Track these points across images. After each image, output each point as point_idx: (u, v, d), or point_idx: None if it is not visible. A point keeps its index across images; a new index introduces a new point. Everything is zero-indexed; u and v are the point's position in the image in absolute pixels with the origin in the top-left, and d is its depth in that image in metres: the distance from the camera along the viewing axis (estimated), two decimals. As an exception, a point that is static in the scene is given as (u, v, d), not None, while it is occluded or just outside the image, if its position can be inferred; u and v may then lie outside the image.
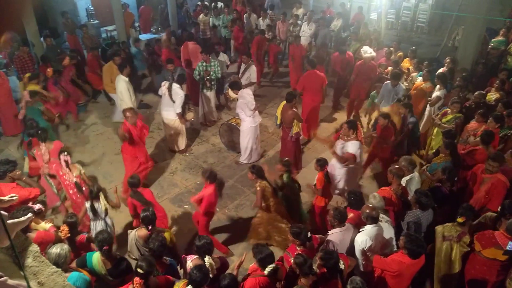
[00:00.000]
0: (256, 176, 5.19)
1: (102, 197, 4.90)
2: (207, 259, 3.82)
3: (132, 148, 6.29)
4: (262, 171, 5.24)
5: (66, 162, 5.40)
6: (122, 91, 7.56)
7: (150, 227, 4.30)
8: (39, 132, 5.82)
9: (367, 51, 9.06)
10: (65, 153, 5.42)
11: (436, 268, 4.62)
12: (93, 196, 4.86)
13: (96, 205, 4.88)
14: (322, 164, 5.46)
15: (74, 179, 5.42)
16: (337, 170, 5.99)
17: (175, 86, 7.23)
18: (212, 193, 5.09)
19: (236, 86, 7.22)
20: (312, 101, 8.08)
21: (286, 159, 5.62)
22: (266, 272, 3.67)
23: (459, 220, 4.35)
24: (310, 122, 8.28)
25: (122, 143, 6.39)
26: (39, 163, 5.78)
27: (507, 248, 4.05)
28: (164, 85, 7.38)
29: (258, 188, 5.15)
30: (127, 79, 7.61)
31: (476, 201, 5.08)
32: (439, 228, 4.56)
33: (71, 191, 5.53)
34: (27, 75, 7.74)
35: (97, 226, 4.93)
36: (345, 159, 5.77)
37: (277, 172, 5.60)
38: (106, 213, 4.99)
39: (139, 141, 6.33)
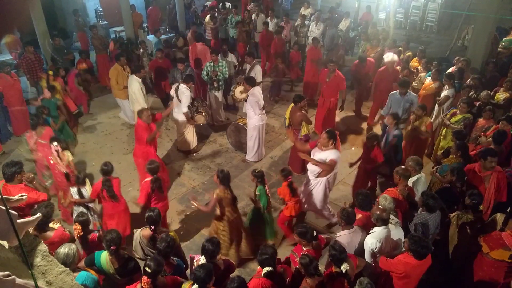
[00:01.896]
0: (220, 181, 4.95)
1: (88, 182, 5.25)
2: (201, 258, 3.88)
3: (145, 150, 6.35)
4: (227, 178, 4.98)
5: (57, 151, 5.64)
6: (136, 91, 7.65)
7: (153, 227, 4.33)
8: (32, 119, 6.15)
9: (388, 56, 8.57)
10: (55, 143, 5.65)
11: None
12: (80, 182, 5.16)
13: (83, 190, 5.18)
14: (286, 174, 5.31)
15: (64, 170, 5.66)
16: (312, 180, 5.63)
17: (182, 86, 7.28)
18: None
19: (251, 82, 7.21)
20: (323, 96, 8.07)
21: (258, 170, 5.33)
22: (262, 274, 3.68)
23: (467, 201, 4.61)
24: (321, 118, 8.26)
25: (136, 145, 6.51)
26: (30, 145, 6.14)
27: None
28: (173, 87, 7.44)
29: (214, 196, 4.89)
30: (140, 80, 7.70)
31: (488, 200, 5.10)
32: (453, 217, 4.71)
33: (59, 179, 5.83)
34: (50, 72, 8.04)
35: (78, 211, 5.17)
36: (330, 166, 5.36)
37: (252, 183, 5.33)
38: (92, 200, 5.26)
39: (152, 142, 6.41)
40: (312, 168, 5.53)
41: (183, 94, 7.25)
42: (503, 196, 5.16)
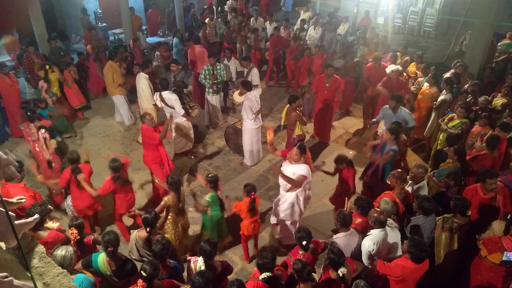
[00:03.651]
0: (170, 188, 4.99)
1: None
2: (199, 260, 3.87)
3: (156, 155, 6.37)
4: (177, 184, 5.01)
5: (45, 139, 5.83)
6: (144, 87, 7.68)
7: (148, 229, 4.34)
8: (28, 112, 6.32)
9: (390, 67, 8.01)
10: (43, 130, 5.84)
11: (436, 258, 4.71)
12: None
13: None
14: (249, 190, 4.99)
15: (48, 157, 5.89)
16: (282, 194, 5.46)
17: (164, 94, 7.22)
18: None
19: (247, 86, 7.21)
20: (323, 102, 8.05)
21: (212, 174, 5.25)
22: (260, 278, 3.68)
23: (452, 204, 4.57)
24: (321, 124, 8.28)
25: (144, 151, 6.49)
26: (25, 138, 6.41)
27: (504, 258, 4.03)
28: (157, 98, 7.35)
29: (162, 202, 4.96)
30: (147, 76, 7.72)
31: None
32: (438, 219, 4.68)
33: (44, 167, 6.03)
34: (47, 67, 8.35)
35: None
36: (298, 182, 5.15)
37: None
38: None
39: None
40: (283, 182, 5.34)
41: (171, 100, 7.17)
42: (509, 208, 4.97)
